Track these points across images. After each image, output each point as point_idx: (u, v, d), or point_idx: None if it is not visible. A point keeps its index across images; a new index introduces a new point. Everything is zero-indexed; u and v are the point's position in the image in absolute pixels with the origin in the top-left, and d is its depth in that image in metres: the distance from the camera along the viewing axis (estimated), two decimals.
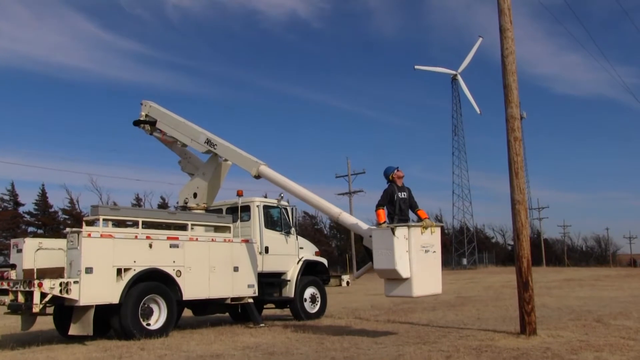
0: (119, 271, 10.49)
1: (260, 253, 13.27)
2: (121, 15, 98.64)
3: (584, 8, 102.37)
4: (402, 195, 10.47)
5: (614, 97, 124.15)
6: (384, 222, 10.00)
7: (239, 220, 13.38)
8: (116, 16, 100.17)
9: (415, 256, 9.48)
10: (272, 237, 13.73)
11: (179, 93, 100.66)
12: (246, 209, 13.66)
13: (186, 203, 13.74)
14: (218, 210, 13.86)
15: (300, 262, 14.22)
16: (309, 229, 62.83)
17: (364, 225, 10.96)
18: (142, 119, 14.69)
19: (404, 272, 9.41)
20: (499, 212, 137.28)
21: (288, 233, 14.15)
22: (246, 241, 12.92)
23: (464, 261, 70.75)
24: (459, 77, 70.96)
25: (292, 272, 14.02)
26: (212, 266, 12.00)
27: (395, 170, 10.65)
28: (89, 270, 10.04)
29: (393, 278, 9.60)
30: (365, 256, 11.30)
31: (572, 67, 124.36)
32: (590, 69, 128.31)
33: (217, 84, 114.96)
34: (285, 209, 14.28)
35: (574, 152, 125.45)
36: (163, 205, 53.67)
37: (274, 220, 14.07)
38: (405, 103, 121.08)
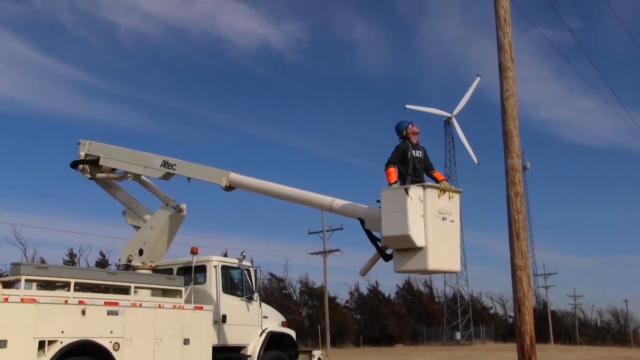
0: (41, 344, 10.22)
1: (216, 322, 13.17)
2: (63, 37, 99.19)
3: (597, 46, 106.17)
4: (417, 154, 10.51)
5: (633, 146, 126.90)
6: (395, 182, 10.02)
7: (192, 283, 13.24)
8: (56, 38, 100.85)
9: (431, 222, 9.43)
10: (231, 304, 13.68)
11: (130, 130, 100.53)
12: (201, 269, 13.61)
13: (130, 261, 13.62)
14: (168, 271, 13.78)
15: (264, 334, 14.16)
16: (276, 294, 62.16)
17: (363, 205, 10.82)
18: (81, 159, 14.64)
19: (418, 240, 9.33)
20: (499, 278, 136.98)
21: (250, 299, 14.11)
22: (200, 308, 12.78)
23: (458, 335, 70.48)
24: (454, 120, 72.38)
25: (254, 346, 13.92)
26: (157, 338, 11.85)
27: (410, 125, 10.72)
28: (1, 344, 9.77)
29: (404, 248, 9.53)
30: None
31: (584, 112, 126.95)
32: (605, 114, 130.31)
33: (175, 120, 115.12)
34: (248, 270, 14.30)
35: (587, 209, 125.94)
36: (102, 264, 52.74)
37: (234, 283, 14.04)
38: (391, 148, 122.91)
